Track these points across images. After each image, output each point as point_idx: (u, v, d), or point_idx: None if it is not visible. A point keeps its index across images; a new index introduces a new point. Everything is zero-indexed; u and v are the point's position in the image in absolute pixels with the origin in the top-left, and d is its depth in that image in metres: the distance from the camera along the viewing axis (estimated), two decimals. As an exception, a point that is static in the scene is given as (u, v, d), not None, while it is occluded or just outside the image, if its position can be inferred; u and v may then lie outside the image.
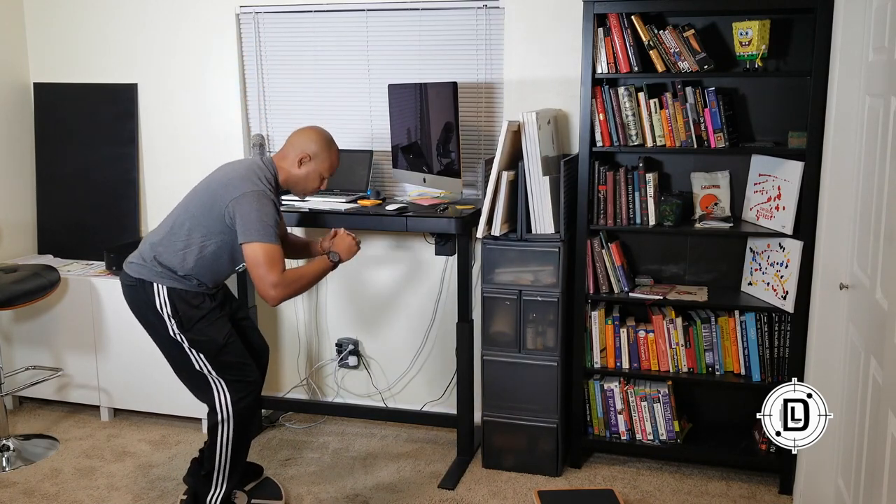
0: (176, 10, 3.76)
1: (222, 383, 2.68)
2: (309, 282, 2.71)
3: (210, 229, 2.64)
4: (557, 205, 3.04)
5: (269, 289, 2.56)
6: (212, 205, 2.63)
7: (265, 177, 2.66)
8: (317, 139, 2.77)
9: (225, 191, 2.61)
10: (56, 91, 4.01)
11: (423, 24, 3.47)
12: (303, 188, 2.81)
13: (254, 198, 2.58)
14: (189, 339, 2.66)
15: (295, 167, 2.75)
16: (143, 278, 2.66)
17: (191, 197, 2.73)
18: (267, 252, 2.54)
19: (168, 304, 2.64)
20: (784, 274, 2.98)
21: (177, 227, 2.69)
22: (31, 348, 3.79)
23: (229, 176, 2.66)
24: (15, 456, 3.38)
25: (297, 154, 2.74)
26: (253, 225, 2.55)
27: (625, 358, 3.20)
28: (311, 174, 2.77)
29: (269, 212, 2.59)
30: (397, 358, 3.77)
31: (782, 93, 3.09)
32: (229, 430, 2.69)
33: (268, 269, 2.54)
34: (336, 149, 2.83)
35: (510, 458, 3.25)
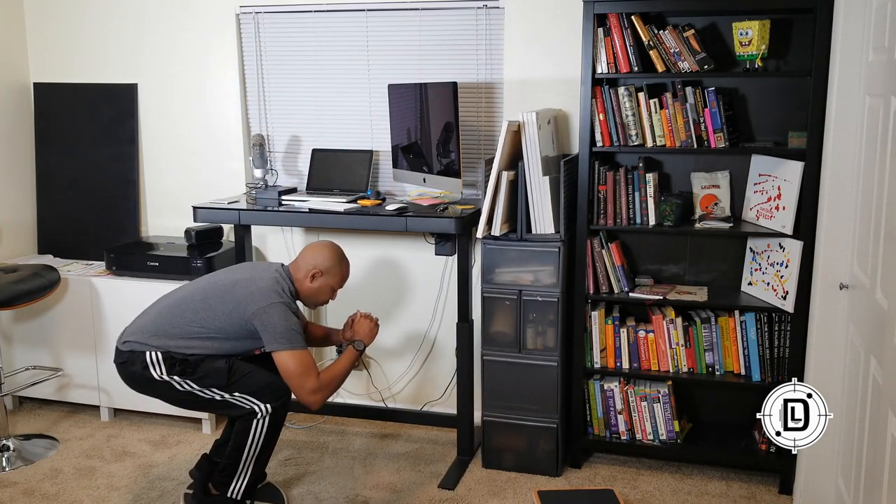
0: (176, 10, 3.76)
1: (248, 397, 2.70)
2: (343, 376, 2.79)
3: (225, 329, 2.69)
4: (557, 205, 3.04)
5: (310, 396, 2.66)
6: (234, 308, 2.68)
7: (287, 289, 2.74)
8: (328, 256, 2.84)
9: (251, 299, 2.67)
10: (56, 91, 4.01)
11: (423, 24, 3.47)
12: (314, 301, 2.89)
13: (279, 309, 2.65)
14: (197, 380, 2.68)
15: (307, 282, 2.81)
16: (135, 350, 2.70)
17: (207, 290, 2.76)
18: (300, 360, 2.63)
19: (164, 366, 2.67)
20: (784, 274, 2.98)
21: (186, 314, 2.71)
22: (31, 348, 3.79)
23: (256, 285, 2.71)
24: (15, 456, 3.38)
25: (308, 269, 2.80)
26: (282, 334, 2.63)
27: (625, 358, 3.20)
28: (322, 288, 2.84)
29: (293, 321, 2.68)
30: (397, 358, 3.77)
31: (782, 93, 3.09)
32: (265, 424, 2.71)
33: (304, 377, 2.64)
34: (346, 263, 2.90)
35: (510, 458, 3.25)
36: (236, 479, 2.76)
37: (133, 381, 2.76)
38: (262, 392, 2.70)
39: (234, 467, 2.74)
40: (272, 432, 2.74)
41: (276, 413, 2.72)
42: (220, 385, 2.68)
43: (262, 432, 2.71)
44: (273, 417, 2.71)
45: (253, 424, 2.70)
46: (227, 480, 2.76)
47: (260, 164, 3.57)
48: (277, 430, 2.77)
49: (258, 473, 2.82)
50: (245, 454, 2.73)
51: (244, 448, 2.72)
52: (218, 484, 2.79)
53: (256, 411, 2.69)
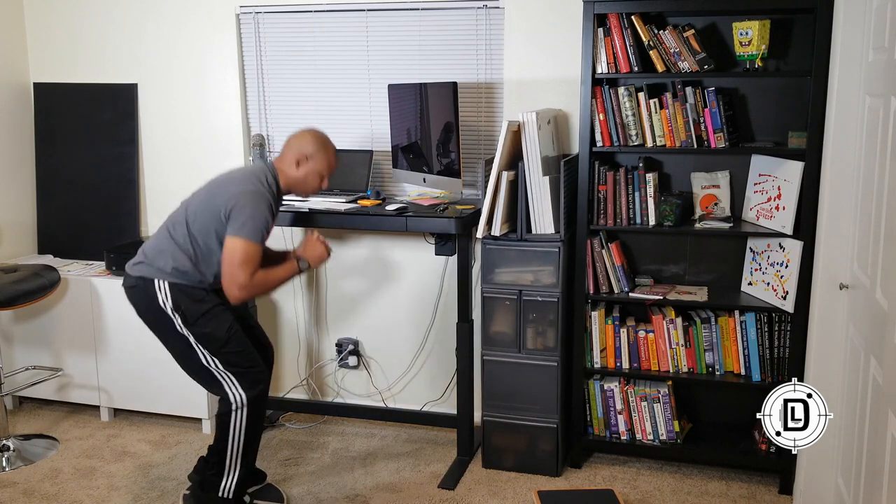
0: (176, 10, 3.76)
1: (230, 376, 2.70)
2: (275, 285, 2.77)
3: (207, 226, 2.68)
4: (557, 205, 3.04)
5: (235, 288, 2.61)
6: (210, 202, 2.68)
7: (266, 180, 2.71)
8: (312, 140, 2.82)
9: (224, 189, 2.68)
10: (56, 91, 4.01)
11: (423, 24, 3.47)
12: (303, 189, 2.85)
13: (251, 197, 2.63)
14: (194, 333, 2.68)
15: (293, 169, 2.79)
16: (144, 276, 2.69)
17: (191, 198, 2.79)
18: (246, 251, 2.59)
19: (171, 300, 2.66)
20: (784, 274, 2.98)
21: (176, 224, 2.73)
22: (31, 348, 3.79)
23: (231, 177, 2.74)
24: (15, 456, 3.38)
25: (293, 156, 2.78)
26: (242, 221, 2.60)
27: (625, 358, 3.20)
28: (309, 174, 2.81)
29: (262, 212, 2.64)
30: (397, 358, 3.77)
31: (782, 93, 3.09)
32: (243, 416, 2.71)
33: (240, 268, 2.59)
34: (333, 148, 2.87)
35: (510, 458, 3.25)
36: (225, 477, 2.77)
37: (140, 306, 2.74)
38: (244, 375, 2.70)
39: (221, 466, 2.76)
40: (252, 426, 2.74)
41: (251, 406, 2.71)
42: (211, 347, 2.67)
43: (242, 426, 2.71)
44: (250, 410, 2.71)
45: (231, 421, 2.70)
46: (216, 480, 2.78)
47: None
48: (258, 424, 2.77)
49: (247, 470, 2.81)
50: (229, 452, 2.73)
51: (227, 445, 2.73)
52: (209, 484, 2.80)
53: (232, 401, 2.69)
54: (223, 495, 2.77)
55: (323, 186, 2.87)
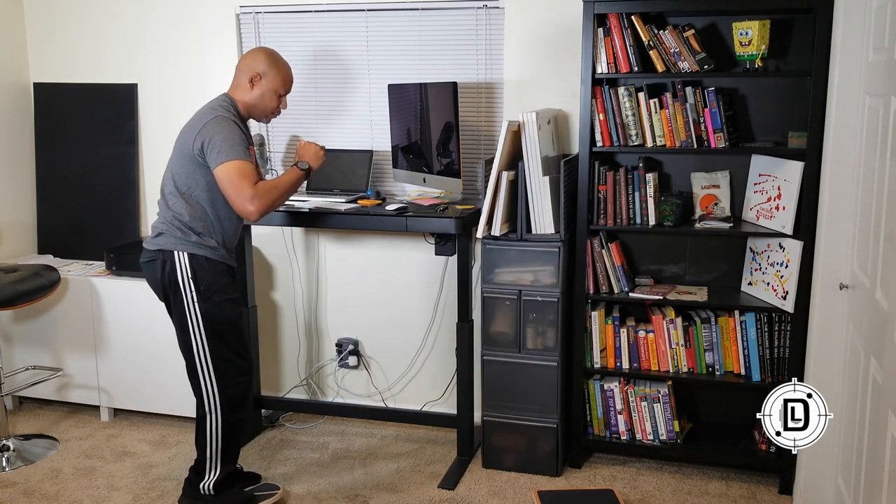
0: (176, 10, 3.76)
1: (210, 371, 2.70)
2: (285, 191, 2.69)
3: (191, 177, 2.66)
4: (557, 205, 3.04)
5: (247, 203, 2.55)
6: (182, 150, 2.66)
7: (223, 106, 2.68)
8: (263, 57, 2.78)
9: (188, 131, 2.65)
10: (56, 91, 4.01)
11: (423, 24, 3.47)
12: (262, 110, 2.80)
13: (215, 123, 2.60)
14: (202, 309, 2.66)
15: (248, 91, 2.75)
16: (164, 248, 2.68)
17: (170, 159, 2.76)
18: (238, 168, 2.55)
19: (189, 271, 2.65)
20: (784, 274, 2.98)
21: (167, 192, 2.72)
22: (31, 348, 3.79)
23: (190, 122, 2.70)
24: (15, 456, 3.38)
25: (246, 76, 2.74)
26: (219, 146, 2.56)
27: (625, 358, 3.20)
28: (266, 93, 2.76)
29: (233, 131, 2.60)
30: (397, 358, 3.77)
31: (782, 93, 3.09)
32: (217, 419, 2.73)
33: (241, 183, 2.54)
34: (284, 63, 2.82)
35: (510, 458, 3.25)
36: (206, 475, 2.79)
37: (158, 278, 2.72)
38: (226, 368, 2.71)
39: (202, 464, 2.78)
40: (228, 429, 2.75)
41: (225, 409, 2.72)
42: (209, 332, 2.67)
43: (217, 431, 2.74)
44: (224, 413, 2.72)
45: (206, 422, 2.74)
46: (196, 479, 2.80)
47: (260, 164, 3.57)
48: (234, 427, 2.79)
49: (228, 469, 2.82)
50: (208, 453, 2.76)
51: (205, 448, 2.76)
52: (189, 484, 2.83)
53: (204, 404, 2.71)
54: (203, 492, 2.80)
55: (282, 107, 2.83)
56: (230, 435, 2.77)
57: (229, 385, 2.73)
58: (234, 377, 2.75)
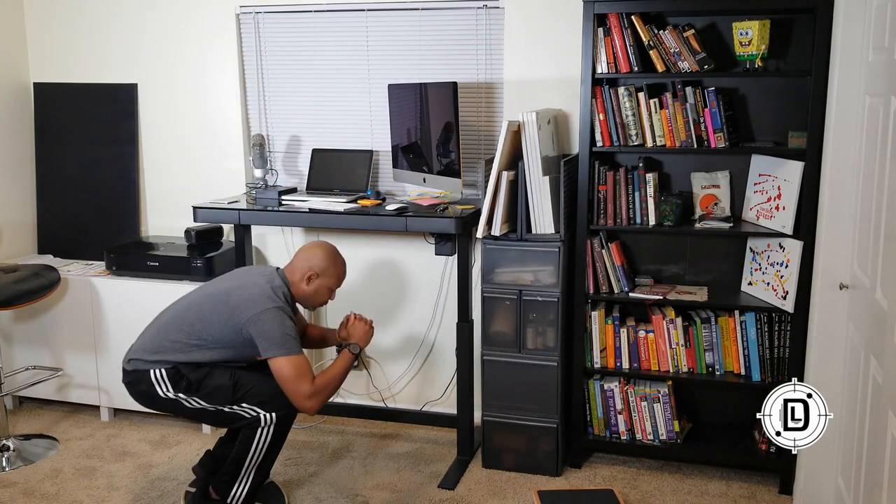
0: (176, 10, 3.76)
1: (255, 408, 2.70)
2: (339, 380, 2.75)
3: (222, 338, 2.68)
4: (557, 205, 3.04)
5: (305, 401, 2.63)
6: (229, 316, 2.66)
7: (282, 293, 2.72)
8: (323, 257, 2.82)
9: (245, 306, 2.65)
10: (56, 91, 4.01)
11: (423, 24, 3.47)
12: (312, 303, 2.87)
13: (274, 314, 2.63)
14: (203, 397, 2.68)
15: (303, 285, 2.79)
16: (139, 369, 2.69)
17: (202, 301, 2.75)
18: (295, 365, 2.60)
19: (170, 383, 2.66)
20: (784, 274, 2.98)
21: (184, 327, 2.71)
22: (31, 348, 3.79)
23: (249, 291, 2.69)
24: (15, 456, 3.38)
25: (304, 272, 2.79)
26: (277, 340, 2.60)
27: (625, 358, 3.20)
28: (319, 290, 2.82)
29: (289, 325, 2.65)
30: (397, 358, 3.77)
31: (782, 93, 3.09)
32: (269, 433, 2.71)
33: (299, 382, 2.60)
34: (342, 262, 2.88)
35: (510, 458, 3.25)
36: (237, 485, 2.74)
37: (142, 399, 2.76)
38: (268, 402, 2.69)
39: (235, 473, 2.73)
40: (276, 441, 2.74)
41: (280, 422, 2.71)
42: (226, 401, 2.69)
43: (266, 441, 2.71)
44: (277, 427, 2.71)
45: (257, 433, 2.69)
46: (227, 486, 2.75)
47: (260, 164, 3.57)
48: (282, 439, 2.77)
49: (259, 480, 2.80)
50: (248, 461, 2.72)
51: (247, 455, 2.71)
52: (218, 488, 2.78)
53: (261, 420, 2.69)
54: (231, 502, 2.75)
55: (332, 299, 2.89)
56: (274, 449, 2.76)
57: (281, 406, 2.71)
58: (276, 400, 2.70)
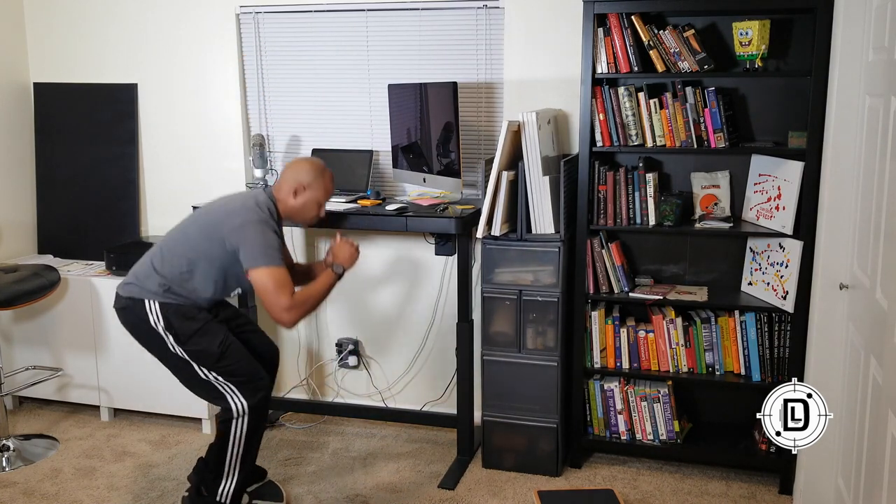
0: (176, 10, 3.76)
1: (230, 386, 2.70)
2: (319, 298, 2.75)
3: (208, 254, 2.67)
4: (557, 205, 3.04)
5: (283, 313, 2.61)
6: (211, 231, 2.67)
7: (267, 207, 2.71)
8: (309, 169, 2.81)
9: (227, 218, 2.66)
10: (56, 91, 4.01)
11: (423, 24, 3.47)
12: (302, 217, 2.86)
13: (256, 226, 2.63)
14: (187, 350, 2.68)
15: (291, 199, 2.79)
16: (134, 296, 2.69)
17: (189, 223, 2.77)
18: (274, 276, 2.59)
19: (162, 319, 2.66)
20: (784, 274, 2.98)
21: (173, 250, 2.71)
22: (31, 348, 3.79)
23: (232, 205, 2.71)
24: (15, 456, 3.38)
25: (290, 186, 2.78)
26: (257, 250, 2.60)
27: (625, 358, 3.20)
28: (307, 203, 2.81)
29: (271, 237, 2.65)
30: (397, 358, 3.77)
31: (782, 93, 3.09)
32: (244, 424, 2.71)
33: (277, 293, 2.59)
34: (329, 175, 2.87)
35: (510, 458, 3.25)
36: (224, 481, 2.76)
37: (131, 327, 2.74)
38: (244, 385, 2.69)
39: (220, 469, 2.75)
40: (252, 432, 2.73)
41: (252, 413, 2.70)
42: (207, 364, 2.67)
43: (243, 432, 2.71)
44: (251, 417, 2.70)
45: (232, 426, 2.70)
46: (215, 483, 2.77)
47: (260, 164, 3.58)
48: (258, 431, 2.77)
49: (245, 475, 2.80)
50: (228, 456, 2.73)
51: (226, 450, 2.72)
52: (208, 486, 2.80)
53: (233, 409, 2.69)
54: (220, 500, 2.76)
55: (321, 214, 2.88)
56: (252, 440, 2.75)
57: (251, 392, 2.71)
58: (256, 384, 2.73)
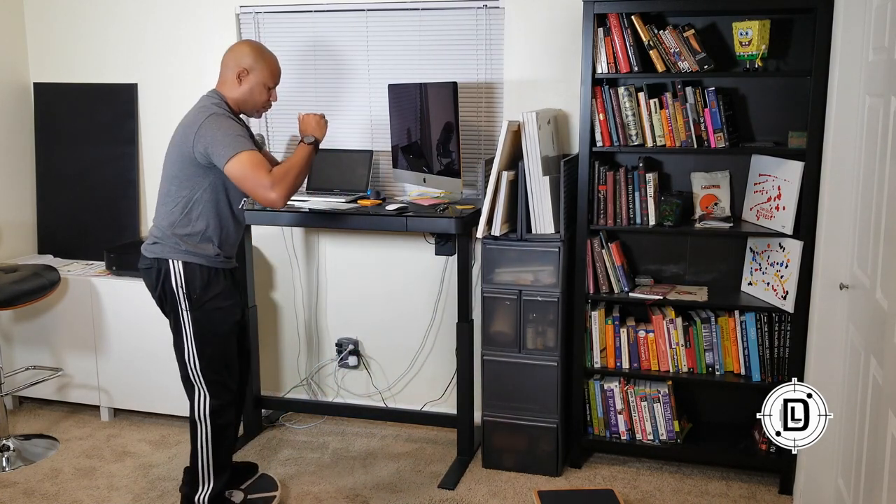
0: (176, 10, 3.76)
1: (203, 383, 2.69)
2: (300, 170, 2.64)
3: (192, 180, 2.61)
4: (557, 205, 3.04)
5: (268, 192, 2.51)
6: (180, 154, 2.60)
7: (215, 103, 2.64)
8: (248, 51, 2.71)
9: (185, 132, 2.59)
10: (56, 91, 4.01)
11: (423, 24, 3.47)
12: (252, 105, 2.75)
13: (212, 121, 2.56)
14: (194, 317, 2.65)
15: (236, 87, 2.70)
16: (159, 256, 2.65)
17: (164, 162, 2.71)
18: (248, 159, 2.51)
19: (182, 279, 2.62)
20: (784, 274, 2.98)
21: (165, 195, 2.67)
22: (31, 348, 3.79)
23: (184, 123, 2.64)
24: (15, 456, 3.38)
25: (232, 72, 2.69)
26: (222, 142, 2.52)
27: (625, 358, 3.20)
28: (254, 88, 2.71)
29: (231, 124, 2.57)
30: (397, 358, 3.77)
31: (782, 93, 3.09)
32: (207, 431, 2.71)
33: (256, 174, 2.50)
34: (270, 55, 2.76)
35: (510, 458, 3.25)
36: (200, 488, 2.76)
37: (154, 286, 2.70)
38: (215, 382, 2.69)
39: (194, 473, 2.76)
40: (216, 442, 2.73)
41: (213, 419, 2.70)
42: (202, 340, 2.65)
43: (207, 438, 2.71)
44: (213, 425, 2.70)
45: (197, 431, 2.71)
46: (193, 487, 2.78)
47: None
48: (224, 437, 2.76)
49: (223, 480, 2.79)
50: (199, 466, 2.74)
51: (196, 459, 2.74)
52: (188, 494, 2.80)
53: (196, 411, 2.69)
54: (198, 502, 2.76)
55: (273, 99, 2.79)
56: (219, 440, 2.75)
57: (216, 394, 2.72)
58: (222, 389, 2.73)
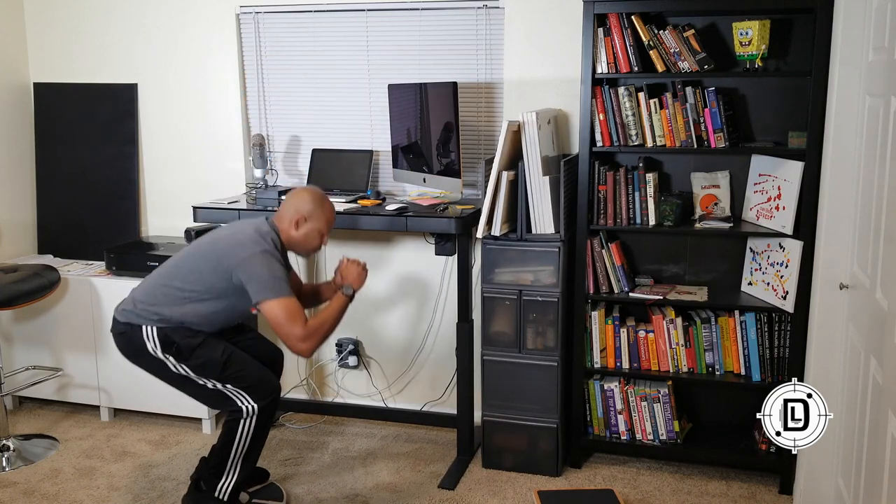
0: (176, 10, 3.76)
1: (241, 391, 2.70)
2: (333, 323, 2.74)
3: (213, 286, 2.67)
4: (557, 205, 3.04)
5: (298, 343, 2.61)
6: (217, 263, 2.66)
7: (271, 238, 2.70)
8: (309, 200, 2.79)
9: (233, 251, 2.64)
10: (56, 91, 4.01)
11: (423, 24, 3.47)
12: (304, 247, 2.84)
13: (261, 258, 2.62)
14: (191, 367, 2.68)
15: (293, 230, 2.77)
16: (132, 322, 2.69)
17: (193, 251, 2.75)
18: (285, 307, 2.59)
19: (160, 344, 2.66)
20: (784, 274, 2.98)
21: (176, 278, 2.71)
22: (31, 348, 3.79)
23: (237, 237, 2.69)
24: (15, 456, 3.38)
25: (291, 217, 2.77)
26: (266, 283, 2.59)
27: (625, 358, 3.20)
28: (309, 234, 2.79)
29: (277, 268, 2.63)
30: (397, 358, 3.77)
31: (782, 93, 3.09)
32: (252, 423, 2.71)
33: (291, 324, 2.58)
34: (329, 205, 2.85)
35: (510, 458, 3.25)
36: (224, 477, 2.76)
37: (128, 353, 2.75)
38: (254, 388, 2.70)
39: (222, 466, 2.75)
40: (259, 432, 2.74)
41: (262, 413, 2.71)
42: (213, 375, 2.68)
43: (250, 432, 2.71)
44: (260, 417, 2.71)
45: (240, 424, 2.70)
46: (215, 479, 2.77)
47: (260, 164, 3.58)
48: (265, 431, 2.77)
49: (246, 472, 2.80)
50: (232, 453, 2.73)
51: (231, 446, 2.73)
52: (207, 481, 2.80)
53: (243, 410, 2.69)
54: (219, 496, 2.76)
55: (324, 244, 2.87)
56: (258, 440, 2.76)
57: (266, 394, 2.72)
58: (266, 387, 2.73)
